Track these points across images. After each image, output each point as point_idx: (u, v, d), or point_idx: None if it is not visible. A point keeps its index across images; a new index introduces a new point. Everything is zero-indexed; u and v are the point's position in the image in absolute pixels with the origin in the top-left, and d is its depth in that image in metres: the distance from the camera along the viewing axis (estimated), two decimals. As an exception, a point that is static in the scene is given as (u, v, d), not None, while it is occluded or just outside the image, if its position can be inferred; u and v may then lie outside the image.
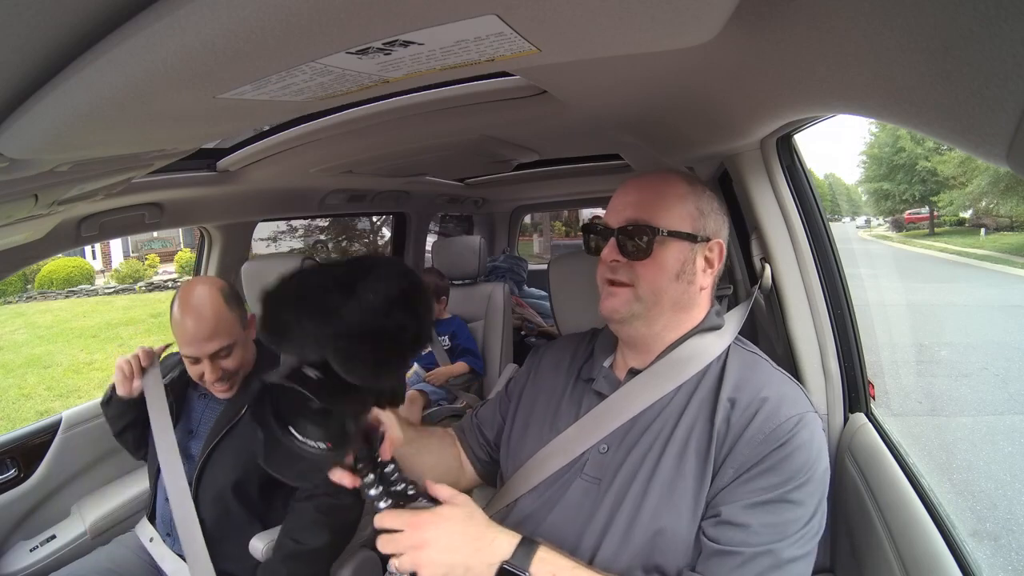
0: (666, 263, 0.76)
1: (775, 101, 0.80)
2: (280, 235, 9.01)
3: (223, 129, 1.07)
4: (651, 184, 0.80)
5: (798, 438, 0.69)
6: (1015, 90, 0.30)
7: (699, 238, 0.78)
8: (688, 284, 0.78)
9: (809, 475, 0.68)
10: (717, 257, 0.80)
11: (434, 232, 3.92)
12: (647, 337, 0.81)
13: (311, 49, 0.46)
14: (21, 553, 1.45)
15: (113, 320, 9.35)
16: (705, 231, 0.79)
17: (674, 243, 0.77)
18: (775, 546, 0.65)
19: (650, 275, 0.76)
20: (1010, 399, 3.72)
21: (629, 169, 2.54)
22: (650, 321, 0.79)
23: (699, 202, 0.80)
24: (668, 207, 0.77)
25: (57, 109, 0.51)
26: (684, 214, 0.78)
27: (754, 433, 0.69)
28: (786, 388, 0.75)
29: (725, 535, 0.66)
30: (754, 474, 0.68)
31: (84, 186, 0.95)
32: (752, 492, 0.67)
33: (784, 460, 0.67)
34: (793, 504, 0.66)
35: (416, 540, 0.62)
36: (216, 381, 1.25)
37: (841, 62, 0.51)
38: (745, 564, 0.64)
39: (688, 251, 0.78)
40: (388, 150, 1.59)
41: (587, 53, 0.61)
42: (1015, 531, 2.46)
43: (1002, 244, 6.49)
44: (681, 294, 0.78)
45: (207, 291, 1.24)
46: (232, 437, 1.28)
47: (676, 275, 0.77)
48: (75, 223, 1.37)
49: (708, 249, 0.80)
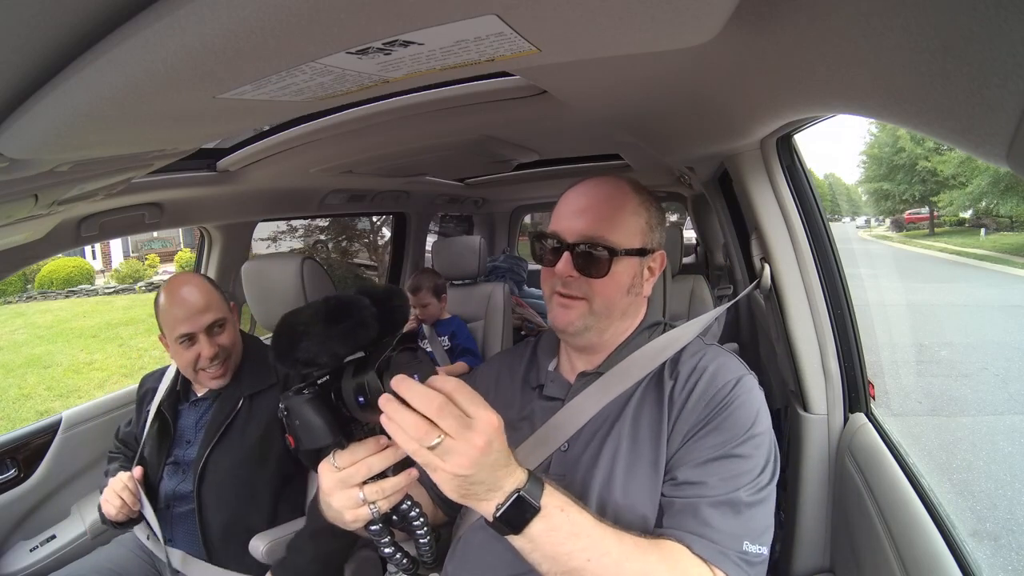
0: (620, 279, 0.79)
1: (775, 101, 0.80)
2: (280, 235, 9.00)
3: (223, 129, 1.07)
4: (608, 197, 0.80)
5: (738, 399, 0.73)
6: (1015, 90, 0.30)
7: (648, 251, 0.81)
8: (636, 295, 0.82)
9: (752, 430, 0.71)
10: (659, 266, 0.84)
11: (434, 232, 3.92)
12: (597, 344, 0.84)
13: (311, 49, 0.46)
14: (21, 553, 1.45)
15: (113, 320, 9.35)
16: (653, 244, 0.82)
17: (627, 260, 0.79)
18: (732, 495, 0.68)
19: (606, 291, 0.78)
20: (1010, 399, 3.72)
21: (629, 169, 2.54)
22: (601, 331, 0.82)
23: (650, 216, 0.82)
24: (624, 224, 0.78)
25: (57, 109, 0.51)
26: (637, 230, 0.80)
27: (697, 400, 0.74)
28: (722, 358, 0.79)
29: (683, 492, 0.70)
30: (701, 435, 0.72)
31: (84, 186, 0.95)
32: (702, 451, 0.71)
33: (727, 419, 0.72)
34: (741, 458, 0.70)
35: (453, 427, 0.56)
36: (212, 360, 1.25)
37: (841, 62, 0.51)
38: (707, 513, 0.67)
39: (638, 265, 0.81)
40: (388, 150, 1.59)
41: (587, 53, 0.61)
42: (1015, 531, 2.46)
43: (1002, 244, 6.49)
44: (629, 304, 0.83)
45: (191, 276, 1.32)
46: (227, 439, 1.27)
47: (628, 289, 0.80)
48: (75, 223, 1.37)
49: (652, 260, 0.83)
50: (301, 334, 0.61)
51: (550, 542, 0.61)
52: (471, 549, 0.81)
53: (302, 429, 0.63)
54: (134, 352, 8.06)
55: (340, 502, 0.65)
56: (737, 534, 0.66)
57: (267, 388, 1.31)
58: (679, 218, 10.97)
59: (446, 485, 0.58)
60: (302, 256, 1.60)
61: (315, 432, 0.63)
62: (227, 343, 1.29)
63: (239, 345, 1.34)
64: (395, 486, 0.66)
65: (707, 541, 0.65)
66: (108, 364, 7.71)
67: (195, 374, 1.28)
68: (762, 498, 0.69)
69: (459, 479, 0.57)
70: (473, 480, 0.58)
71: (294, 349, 0.61)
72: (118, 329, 8.96)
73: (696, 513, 0.67)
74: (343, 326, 0.61)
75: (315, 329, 0.61)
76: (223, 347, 1.27)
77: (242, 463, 1.26)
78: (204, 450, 1.26)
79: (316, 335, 0.61)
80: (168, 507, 1.29)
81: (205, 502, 1.26)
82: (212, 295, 1.29)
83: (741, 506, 0.68)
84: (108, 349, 8.16)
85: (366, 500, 0.64)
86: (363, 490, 0.64)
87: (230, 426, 1.28)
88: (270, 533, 1.26)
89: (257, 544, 1.24)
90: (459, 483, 0.58)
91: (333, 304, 0.63)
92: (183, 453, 1.31)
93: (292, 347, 0.61)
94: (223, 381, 1.30)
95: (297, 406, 0.63)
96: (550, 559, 0.61)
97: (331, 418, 0.63)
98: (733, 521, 0.67)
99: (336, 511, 0.66)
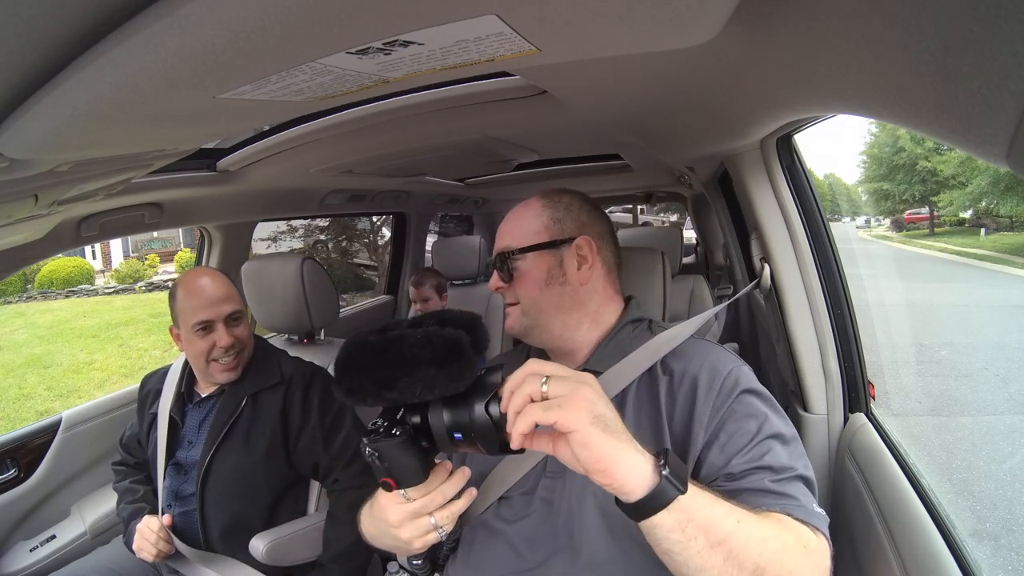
0: (532, 275, 0.84)
1: (775, 101, 0.80)
2: (280, 235, 9.01)
3: (223, 129, 1.07)
4: (513, 215, 0.89)
5: (744, 384, 0.75)
6: (1015, 90, 0.30)
7: (559, 243, 0.84)
8: (561, 285, 0.84)
9: (768, 409, 0.74)
10: (589, 251, 0.85)
11: (434, 232, 3.92)
12: (555, 340, 0.86)
13: (311, 49, 0.46)
14: (21, 553, 1.45)
15: (113, 320, 9.35)
16: (563, 234, 0.85)
17: (533, 256, 0.84)
18: (794, 472, 0.69)
19: (524, 290, 0.84)
20: (1010, 399, 3.72)
21: (629, 169, 2.54)
22: (544, 327, 0.85)
23: (554, 211, 0.87)
24: (524, 229, 0.86)
25: (57, 109, 0.51)
26: (539, 228, 0.85)
27: (705, 393, 0.74)
28: (714, 351, 0.82)
29: (749, 479, 0.69)
30: (730, 425, 0.72)
31: (84, 186, 0.95)
32: (741, 438, 0.71)
33: (747, 405, 0.73)
34: (774, 438, 0.71)
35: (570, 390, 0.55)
36: (228, 350, 1.25)
37: (841, 62, 0.51)
38: (782, 487, 0.67)
39: (551, 258, 0.84)
40: (388, 150, 1.59)
41: (587, 53, 0.61)
42: (1015, 531, 2.46)
43: (1002, 244, 6.49)
44: (559, 296, 0.84)
45: (211, 269, 1.36)
46: (231, 439, 1.27)
47: (545, 282, 0.83)
48: (75, 223, 1.37)
49: (577, 248, 0.85)
50: (402, 375, 0.58)
51: (704, 504, 0.57)
52: (472, 549, 0.82)
53: (396, 471, 0.62)
54: (134, 352, 8.07)
55: (410, 532, 0.65)
56: (810, 500, 0.68)
57: (269, 387, 1.31)
58: (679, 218, 10.98)
59: (579, 418, 0.54)
60: (302, 256, 1.61)
61: (410, 473, 0.62)
62: (243, 336, 1.30)
63: (251, 342, 1.34)
64: (462, 508, 0.67)
65: (798, 507, 0.66)
66: (108, 364, 7.71)
67: (206, 365, 1.27)
68: (808, 471, 0.71)
69: (587, 409, 0.54)
70: (600, 412, 0.55)
71: (388, 389, 0.58)
72: (118, 329, 8.96)
73: (771, 490, 0.67)
74: (453, 369, 0.58)
75: (423, 372, 0.57)
76: (239, 339, 1.28)
77: (245, 463, 1.26)
78: (208, 450, 1.26)
79: (423, 378, 0.57)
80: (169, 507, 1.29)
81: (207, 502, 1.26)
82: (231, 288, 1.32)
83: (800, 479, 0.69)
84: (108, 349, 8.16)
85: (436, 526, 0.65)
86: (434, 516, 0.64)
87: (234, 426, 1.27)
88: (270, 533, 1.26)
89: (257, 544, 1.24)
90: (592, 416, 0.54)
91: (439, 342, 0.59)
92: (185, 455, 1.31)
93: (385, 387, 0.58)
94: (234, 375, 1.29)
95: (389, 450, 0.60)
96: (705, 528, 0.56)
97: (421, 456, 0.62)
98: (802, 491, 0.68)
99: (404, 541, 0.66)
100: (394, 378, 0.58)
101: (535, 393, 0.55)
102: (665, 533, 0.55)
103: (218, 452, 1.26)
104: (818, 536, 0.65)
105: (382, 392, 0.59)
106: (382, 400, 0.60)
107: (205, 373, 1.30)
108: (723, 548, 0.56)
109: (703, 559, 0.56)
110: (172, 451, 1.31)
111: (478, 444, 0.60)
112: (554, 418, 0.53)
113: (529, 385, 0.56)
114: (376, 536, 0.71)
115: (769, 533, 0.59)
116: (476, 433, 0.59)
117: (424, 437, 0.61)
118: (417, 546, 0.66)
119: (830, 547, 0.66)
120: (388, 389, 0.58)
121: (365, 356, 0.60)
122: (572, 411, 0.54)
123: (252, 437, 1.27)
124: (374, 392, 0.59)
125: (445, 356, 0.58)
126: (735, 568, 0.56)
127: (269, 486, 1.29)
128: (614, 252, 0.91)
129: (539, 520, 0.77)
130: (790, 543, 0.60)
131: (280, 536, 1.27)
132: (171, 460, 1.31)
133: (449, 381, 0.58)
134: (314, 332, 1.70)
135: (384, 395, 0.59)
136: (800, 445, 0.74)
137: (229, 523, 1.26)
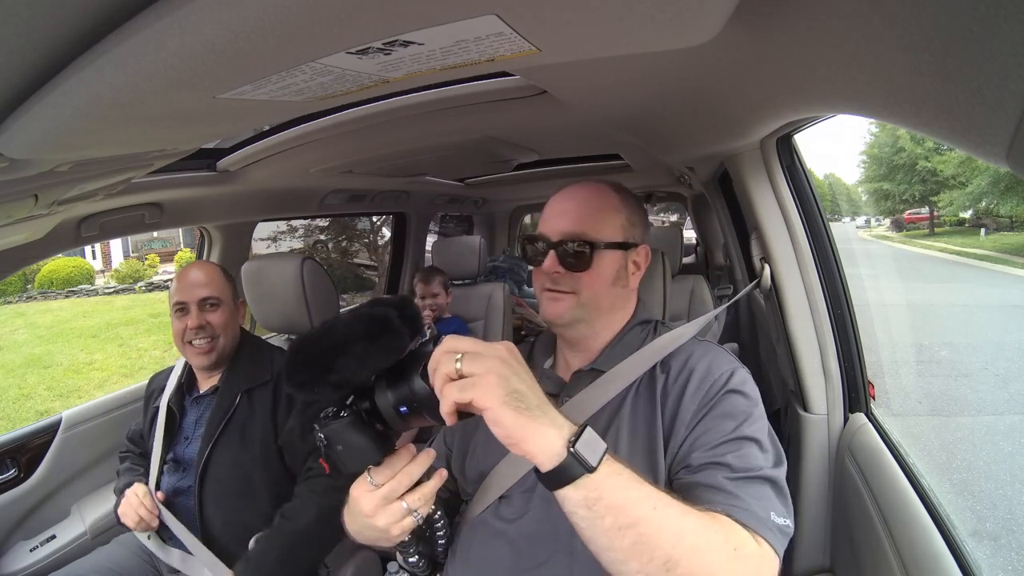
0: (604, 272, 0.83)
1: (775, 101, 0.80)
2: (280, 235, 9.01)
3: (223, 129, 1.07)
4: (587, 197, 0.86)
5: (736, 386, 0.75)
6: (1015, 90, 0.30)
7: (630, 246, 0.85)
8: (623, 288, 0.86)
9: (756, 414, 0.73)
10: (643, 260, 0.88)
11: (434, 232, 3.92)
12: (588, 337, 0.86)
13: (311, 49, 0.46)
14: (21, 553, 1.45)
15: (113, 320, 9.35)
16: (635, 239, 0.86)
17: (610, 253, 0.83)
18: (754, 473, 0.68)
19: (592, 284, 0.82)
20: (1010, 399, 3.72)
21: (629, 169, 2.54)
22: (591, 322, 0.85)
23: (630, 213, 0.87)
24: (604, 220, 0.84)
25: (57, 109, 0.51)
26: (617, 226, 0.84)
27: (694, 391, 0.75)
28: (713, 352, 0.81)
29: (705, 473, 0.68)
30: (707, 422, 0.72)
31: (84, 186, 0.95)
32: (713, 435, 0.71)
33: (730, 406, 0.73)
34: (753, 440, 0.71)
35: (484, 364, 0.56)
36: (197, 331, 1.30)
37: (841, 62, 0.51)
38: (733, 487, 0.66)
39: (622, 258, 0.85)
40: (388, 150, 1.59)
41: (587, 53, 0.61)
42: (1015, 531, 2.46)
43: (1002, 244, 6.49)
44: (616, 297, 0.86)
45: (204, 262, 1.48)
46: (228, 435, 1.29)
47: (613, 281, 0.84)
48: (75, 223, 1.37)
49: (637, 254, 0.87)
50: (337, 354, 0.60)
51: (618, 485, 0.56)
52: (472, 548, 0.82)
53: (346, 454, 0.62)
54: (134, 352, 8.07)
55: (386, 519, 0.65)
56: (765, 507, 0.66)
57: (262, 384, 1.34)
58: (679, 218, 10.98)
59: (491, 396, 0.54)
60: (302, 256, 1.60)
61: (363, 454, 0.63)
62: (215, 322, 1.33)
63: (233, 335, 1.38)
64: (433, 489, 0.67)
65: (743, 510, 0.64)
66: (108, 364, 7.71)
67: (183, 347, 1.33)
68: (779, 476, 0.70)
69: (499, 386, 0.54)
70: (514, 388, 0.55)
71: (328, 371, 0.60)
72: (118, 329, 8.96)
73: (723, 488, 0.66)
74: (382, 340, 0.61)
75: (356, 347, 0.60)
76: (210, 324, 1.32)
77: (243, 460, 1.27)
78: (206, 445, 1.28)
79: (357, 353, 0.60)
80: (168, 504, 1.30)
81: (206, 499, 1.27)
82: (214, 277, 1.36)
83: (764, 482, 0.68)
84: (108, 349, 8.16)
85: (410, 509, 0.65)
86: (406, 500, 0.65)
87: (230, 422, 1.29)
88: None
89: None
90: (504, 393, 0.54)
91: (367, 319, 0.62)
92: (183, 451, 1.32)
93: (326, 370, 0.60)
94: (206, 360, 1.32)
95: (339, 432, 0.61)
96: (616, 509, 0.56)
97: (373, 435, 0.63)
98: (760, 494, 0.67)
99: (381, 530, 0.66)
100: (331, 359, 0.60)
101: (451, 372, 0.56)
102: (572, 507, 0.56)
103: (215, 447, 1.28)
104: (759, 543, 0.62)
105: (324, 375, 0.60)
106: (327, 384, 0.61)
107: (184, 354, 1.35)
108: (633, 531, 0.55)
109: (610, 539, 0.56)
110: (170, 445, 1.33)
111: (425, 415, 0.61)
112: (468, 397, 0.54)
113: (444, 365, 0.56)
114: (358, 531, 0.71)
115: (691, 527, 0.58)
116: (419, 403, 0.60)
117: (377, 420, 0.63)
118: (395, 533, 0.66)
119: (776, 558, 0.63)
120: (328, 371, 0.60)
121: (307, 347, 0.62)
122: (484, 389, 0.54)
123: (247, 434, 1.29)
124: (317, 377, 0.61)
125: (375, 329, 0.61)
126: (644, 554, 0.55)
127: (267, 486, 1.30)
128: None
129: (539, 519, 0.77)
130: (716, 543, 0.59)
131: (280, 536, 1.26)
132: (169, 455, 1.32)
133: (382, 353, 0.61)
134: (314, 332, 1.70)
135: (326, 378, 0.60)
136: (781, 456, 0.72)
137: (228, 520, 1.27)
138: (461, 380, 0.55)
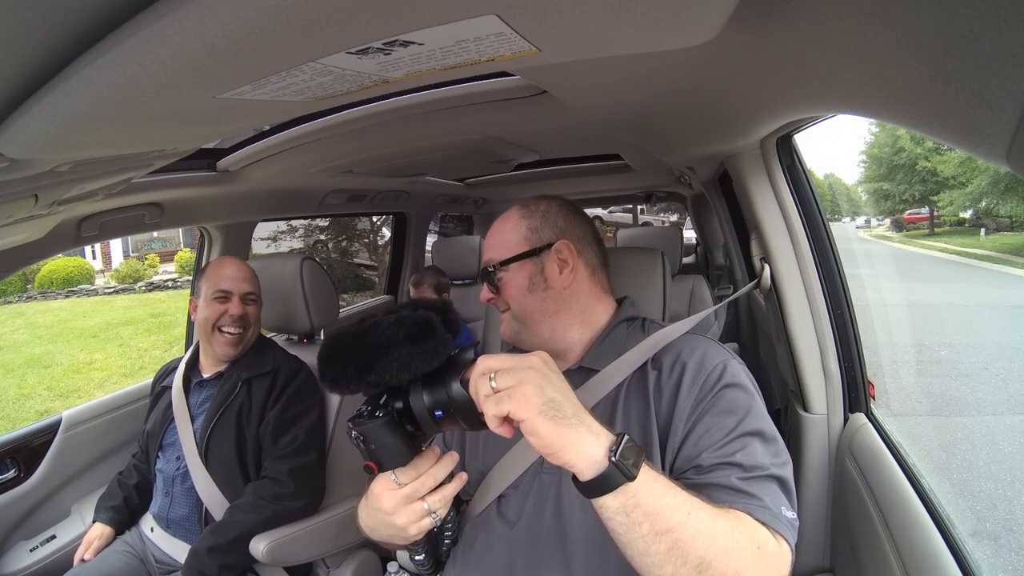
0: (517, 283, 0.87)
1: (775, 101, 0.80)
2: (280, 235, 9.00)
3: (223, 129, 1.07)
4: (496, 227, 0.92)
5: (729, 379, 0.75)
6: (1015, 90, 0.30)
7: (539, 250, 0.87)
8: (544, 291, 0.87)
9: (751, 405, 0.74)
10: (570, 255, 0.88)
11: (434, 232, 3.92)
12: (545, 343, 0.87)
13: (311, 49, 0.46)
14: (21, 553, 1.46)
15: (113, 320, 9.34)
16: (542, 241, 0.88)
17: (515, 266, 0.87)
18: (764, 471, 0.68)
19: (513, 296, 0.87)
20: (1010, 399, 3.71)
21: (629, 169, 2.54)
22: (533, 331, 0.87)
23: (531, 221, 0.89)
24: (505, 240, 0.89)
25: (57, 109, 0.51)
26: (518, 239, 0.88)
27: (689, 386, 0.75)
28: (704, 345, 0.81)
29: (717, 474, 0.69)
30: (709, 419, 0.72)
31: (84, 186, 0.95)
32: (717, 433, 0.71)
33: (730, 400, 0.73)
34: (754, 435, 0.71)
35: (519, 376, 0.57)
36: (236, 321, 1.38)
37: (841, 62, 0.51)
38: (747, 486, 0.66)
39: (532, 266, 0.87)
40: (388, 150, 1.59)
41: (587, 53, 0.61)
42: (1015, 531, 2.46)
43: (1002, 244, 6.49)
44: (543, 301, 0.87)
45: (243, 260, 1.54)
46: (227, 418, 1.35)
47: (529, 288, 0.86)
48: (75, 223, 1.37)
49: (557, 252, 0.87)
50: (379, 356, 0.60)
51: (655, 492, 0.57)
52: (472, 546, 0.82)
53: (382, 453, 0.63)
54: (134, 352, 8.06)
55: (405, 518, 0.66)
56: (777, 503, 0.67)
57: (262, 375, 1.40)
58: (679, 218, 10.97)
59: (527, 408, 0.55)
60: (302, 256, 1.61)
61: (396, 453, 0.64)
62: (252, 317, 1.42)
63: (256, 331, 1.46)
64: (453, 491, 0.68)
65: (761, 508, 0.65)
66: (108, 364, 7.71)
67: (211, 332, 1.39)
68: (786, 470, 0.71)
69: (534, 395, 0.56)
70: (549, 398, 0.56)
71: (367, 371, 0.60)
72: (118, 329, 8.95)
73: (738, 488, 0.67)
74: (426, 345, 0.61)
75: (399, 351, 0.60)
76: (247, 316, 1.41)
77: (241, 445, 1.34)
78: (208, 425, 1.35)
79: (400, 357, 0.60)
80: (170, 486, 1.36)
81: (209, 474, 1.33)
82: (254, 275, 1.48)
83: (773, 479, 0.68)
84: (108, 349, 8.15)
85: (430, 510, 0.66)
86: (427, 501, 0.65)
87: (230, 407, 1.36)
88: (270, 533, 1.26)
89: (257, 544, 1.24)
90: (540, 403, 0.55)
91: (411, 322, 0.62)
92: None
93: (364, 369, 0.60)
94: (233, 351, 1.40)
95: (374, 431, 0.62)
96: (653, 516, 0.56)
97: (405, 436, 0.64)
98: (772, 491, 0.67)
99: (399, 528, 0.67)
100: (372, 360, 0.60)
101: (487, 392, 0.57)
102: (611, 515, 0.57)
103: (216, 428, 1.34)
104: (778, 540, 0.64)
105: (363, 375, 0.61)
106: (364, 384, 0.61)
107: (209, 340, 1.40)
108: (669, 537, 0.56)
109: (646, 544, 0.56)
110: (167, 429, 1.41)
111: (459, 420, 0.62)
112: (505, 410, 0.56)
113: (482, 387, 0.58)
114: (373, 527, 0.72)
115: (720, 530, 0.59)
116: (455, 408, 0.61)
117: (409, 421, 0.63)
118: (412, 532, 0.67)
119: (792, 552, 0.65)
120: (367, 372, 0.60)
121: (344, 344, 0.62)
122: (520, 401, 0.55)
123: (245, 421, 1.35)
124: (355, 376, 0.61)
125: (418, 334, 0.61)
126: (678, 559, 0.56)
127: (260, 469, 1.36)
128: (597, 253, 0.92)
129: (539, 517, 0.77)
130: (742, 543, 0.60)
131: (281, 536, 1.27)
132: (172, 437, 1.39)
133: (424, 358, 0.61)
134: (314, 332, 1.70)
135: (365, 378, 0.61)
136: (781, 444, 0.73)
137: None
138: (497, 394, 0.56)
